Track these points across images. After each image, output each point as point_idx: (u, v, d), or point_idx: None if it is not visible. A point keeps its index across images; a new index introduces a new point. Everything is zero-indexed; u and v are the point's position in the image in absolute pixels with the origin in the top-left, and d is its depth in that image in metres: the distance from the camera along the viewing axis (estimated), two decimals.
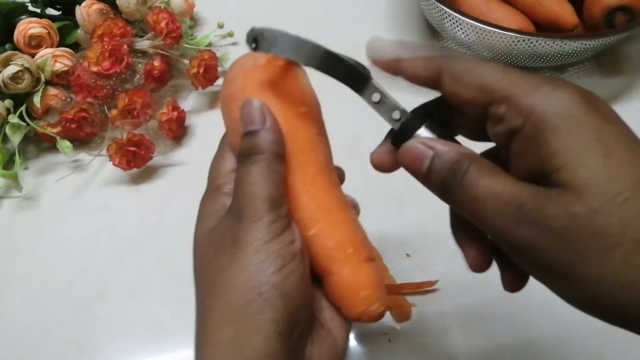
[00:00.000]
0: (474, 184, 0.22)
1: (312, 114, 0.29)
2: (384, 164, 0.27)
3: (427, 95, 0.26)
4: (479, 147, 0.25)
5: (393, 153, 0.26)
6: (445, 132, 0.25)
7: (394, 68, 0.25)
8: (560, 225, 0.19)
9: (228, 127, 0.29)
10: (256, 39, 0.25)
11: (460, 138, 0.26)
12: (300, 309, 0.25)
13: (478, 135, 0.25)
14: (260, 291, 0.24)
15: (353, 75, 0.26)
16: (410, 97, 0.26)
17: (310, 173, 0.27)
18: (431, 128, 0.25)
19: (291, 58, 0.26)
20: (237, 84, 0.28)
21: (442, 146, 0.23)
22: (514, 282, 0.25)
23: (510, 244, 0.21)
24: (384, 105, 0.26)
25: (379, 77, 0.26)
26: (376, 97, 0.26)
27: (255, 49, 0.26)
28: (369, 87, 0.26)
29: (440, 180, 0.23)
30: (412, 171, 0.25)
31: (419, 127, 0.25)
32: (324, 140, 0.29)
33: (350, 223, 0.28)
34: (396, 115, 0.26)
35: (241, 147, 0.26)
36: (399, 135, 0.25)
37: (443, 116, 0.25)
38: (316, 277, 0.28)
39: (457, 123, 0.25)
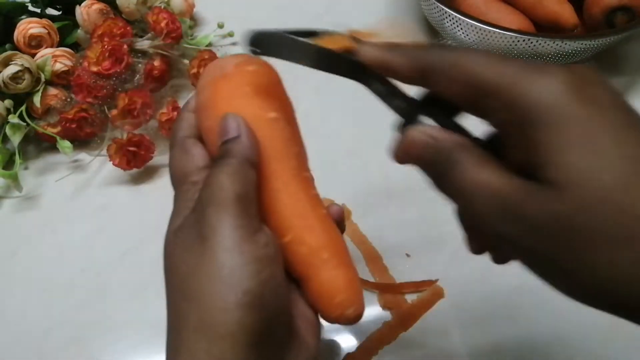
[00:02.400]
0: (463, 175, 0.21)
1: (283, 119, 0.29)
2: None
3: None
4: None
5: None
6: (450, 117, 0.25)
7: (384, 69, 0.25)
8: (541, 222, 0.19)
9: (202, 134, 0.29)
10: (256, 42, 0.26)
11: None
12: (277, 318, 0.24)
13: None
14: (237, 299, 0.23)
15: (356, 70, 0.26)
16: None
17: (283, 180, 0.27)
18: (435, 115, 0.25)
19: (293, 61, 0.26)
20: (206, 93, 0.29)
21: (440, 134, 0.23)
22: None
23: (497, 237, 0.21)
24: (389, 94, 0.26)
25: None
26: (381, 87, 0.26)
27: (255, 53, 0.26)
28: (373, 78, 0.26)
29: (435, 168, 0.23)
30: (410, 155, 0.24)
31: (423, 114, 0.25)
32: (296, 144, 0.29)
33: (325, 228, 0.28)
34: (401, 103, 0.26)
35: (216, 155, 0.27)
36: (405, 123, 0.25)
37: (447, 103, 0.25)
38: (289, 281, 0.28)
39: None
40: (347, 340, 0.40)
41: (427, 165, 0.23)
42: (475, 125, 0.24)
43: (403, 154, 0.24)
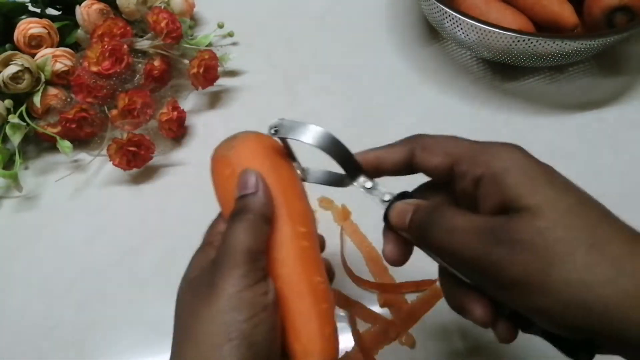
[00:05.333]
0: (451, 220, 0.26)
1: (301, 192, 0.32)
2: (397, 255, 0.30)
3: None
4: None
5: (400, 242, 0.30)
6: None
7: (376, 166, 0.30)
8: (527, 238, 0.23)
9: (216, 185, 0.32)
10: (276, 127, 0.31)
11: None
12: (267, 358, 0.26)
13: None
14: (230, 337, 0.25)
15: (351, 162, 0.31)
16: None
17: (295, 237, 0.30)
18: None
19: (304, 140, 0.30)
20: (233, 151, 0.32)
21: (419, 201, 0.29)
22: (509, 332, 0.27)
23: (486, 266, 0.24)
24: (375, 190, 0.31)
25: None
26: (368, 184, 0.31)
27: (274, 134, 0.31)
28: (362, 175, 0.31)
29: (420, 224, 0.27)
30: (398, 226, 0.29)
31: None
32: (311, 215, 0.32)
33: (314, 296, 0.29)
34: (386, 197, 0.30)
35: (234, 208, 0.29)
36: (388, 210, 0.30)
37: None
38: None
39: None
40: (345, 341, 0.40)
41: (415, 225, 0.28)
42: None
43: (392, 222, 0.29)
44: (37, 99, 0.52)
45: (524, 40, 0.51)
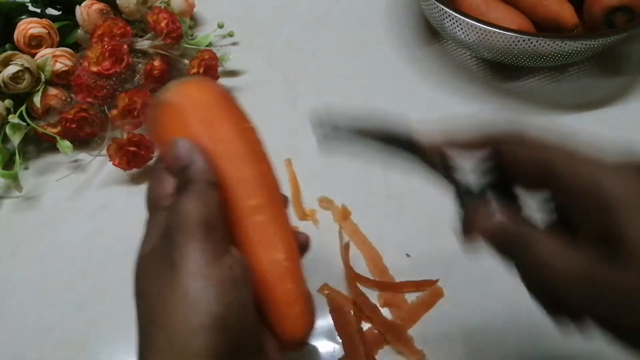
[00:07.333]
0: (545, 254, 0.23)
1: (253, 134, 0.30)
2: (473, 246, 0.27)
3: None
4: None
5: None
6: (506, 189, 0.27)
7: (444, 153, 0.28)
8: (633, 296, 0.21)
9: (155, 131, 0.31)
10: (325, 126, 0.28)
11: None
12: (244, 339, 0.25)
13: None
14: (202, 322, 0.23)
15: (418, 149, 0.28)
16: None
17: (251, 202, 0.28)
18: (498, 197, 0.27)
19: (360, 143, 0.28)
20: (175, 97, 0.30)
21: (509, 219, 0.25)
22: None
23: (582, 309, 0.23)
24: (447, 167, 0.28)
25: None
26: (439, 160, 0.28)
27: (325, 137, 0.28)
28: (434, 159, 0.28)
29: (506, 246, 0.24)
30: (478, 232, 0.26)
31: (487, 195, 0.27)
32: (264, 179, 0.30)
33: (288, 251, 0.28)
34: (459, 176, 0.27)
35: (177, 183, 0.27)
36: (462, 197, 0.27)
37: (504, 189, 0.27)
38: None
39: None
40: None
41: (500, 243, 0.25)
42: None
43: (473, 229, 0.26)
44: (37, 99, 0.52)
45: (524, 40, 0.51)
